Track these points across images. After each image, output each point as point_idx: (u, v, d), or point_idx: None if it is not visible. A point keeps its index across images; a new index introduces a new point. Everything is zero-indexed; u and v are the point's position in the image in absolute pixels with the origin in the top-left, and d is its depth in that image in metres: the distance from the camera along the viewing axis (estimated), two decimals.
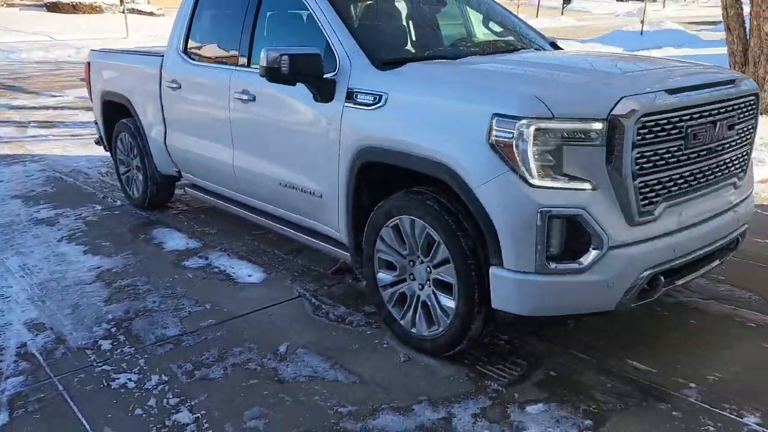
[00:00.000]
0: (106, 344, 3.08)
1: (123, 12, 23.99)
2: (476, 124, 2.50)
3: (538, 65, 3.10)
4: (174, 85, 4.39)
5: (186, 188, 4.83)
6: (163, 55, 4.60)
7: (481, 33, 4.10)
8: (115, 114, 5.33)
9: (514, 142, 2.40)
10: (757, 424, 2.42)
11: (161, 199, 5.25)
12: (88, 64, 5.64)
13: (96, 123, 5.81)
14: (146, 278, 3.87)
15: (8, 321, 3.34)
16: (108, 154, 6.08)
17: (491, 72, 2.99)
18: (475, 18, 4.17)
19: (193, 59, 4.32)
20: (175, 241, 4.52)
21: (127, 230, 4.79)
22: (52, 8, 26.80)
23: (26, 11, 26.71)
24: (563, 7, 40.09)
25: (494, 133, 2.45)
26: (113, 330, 3.22)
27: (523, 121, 2.37)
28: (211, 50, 4.27)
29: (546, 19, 36.59)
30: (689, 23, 30.77)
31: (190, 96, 4.31)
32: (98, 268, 4.05)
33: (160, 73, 4.55)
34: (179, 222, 4.96)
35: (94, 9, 27.27)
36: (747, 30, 8.62)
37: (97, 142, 5.95)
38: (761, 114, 8.07)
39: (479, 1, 4.26)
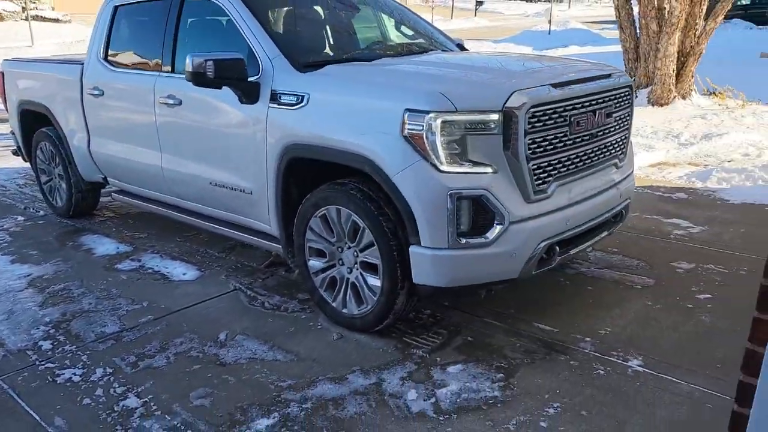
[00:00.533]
0: (46, 344, 3.17)
1: (27, 19, 22.88)
2: (391, 119, 2.80)
3: (444, 65, 3.45)
4: (96, 92, 4.46)
5: (113, 194, 4.88)
6: (82, 63, 4.65)
7: (394, 36, 4.42)
8: (34, 123, 5.30)
9: (424, 133, 2.71)
10: (639, 366, 2.84)
11: (87, 207, 5.26)
12: (2, 74, 5.55)
13: (13, 133, 5.73)
14: (79, 282, 3.94)
15: None
16: (26, 164, 6.00)
17: (403, 72, 3.30)
18: (389, 23, 4.48)
19: (115, 66, 4.40)
20: (104, 246, 4.58)
21: (54, 238, 4.80)
22: None
23: None
24: (476, 9, 41.45)
25: (407, 126, 2.75)
26: (52, 331, 3.30)
27: (431, 115, 2.69)
28: (133, 57, 4.37)
29: (460, 21, 37.73)
30: (592, 23, 32.60)
31: (113, 102, 4.39)
32: (28, 275, 4.07)
33: (81, 81, 4.60)
34: (107, 228, 5.01)
35: None
36: (637, 28, 9.43)
37: (15, 153, 5.85)
38: (650, 104, 8.90)
39: (392, 7, 4.58)
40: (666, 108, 8.94)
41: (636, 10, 9.34)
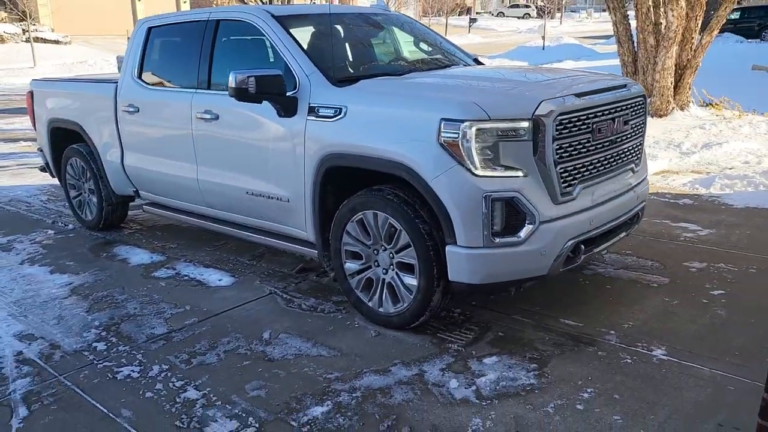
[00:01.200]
0: (100, 346, 3.34)
1: (28, 41, 23.18)
2: (427, 128, 3.02)
3: (470, 78, 3.68)
4: (131, 109, 4.67)
5: (144, 206, 5.08)
6: (116, 82, 4.87)
7: (418, 53, 4.66)
8: (64, 140, 5.50)
9: (459, 140, 2.93)
10: (663, 354, 3.04)
11: (116, 220, 5.45)
12: (31, 93, 5.76)
13: (40, 150, 5.92)
14: (121, 289, 4.12)
15: None
16: (46, 181, 6.18)
17: (434, 84, 3.53)
18: (413, 40, 4.72)
19: (150, 84, 4.62)
20: (138, 256, 4.77)
21: (88, 250, 4.98)
22: None
23: None
24: (470, 26, 42.11)
25: (443, 134, 2.97)
26: (103, 333, 3.48)
27: (466, 123, 2.92)
28: (169, 75, 4.59)
29: (454, 37, 38.23)
30: (584, 38, 33.21)
31: (149, 119, 4.60)
32: (70, 284, 4.25)
33: (115, 99, 4.81)
34: (137, 239, 5.19)
35: None
36: (635, 43, 9.75)
37: (43, 169, 6.05)
38: (650, 115, 9.17)
39: (412, 25, 4.82)
40: (665, 119, 9.23)
41: (633, 24, 9.66)
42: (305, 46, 3.85)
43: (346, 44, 4.26)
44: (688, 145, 7.64)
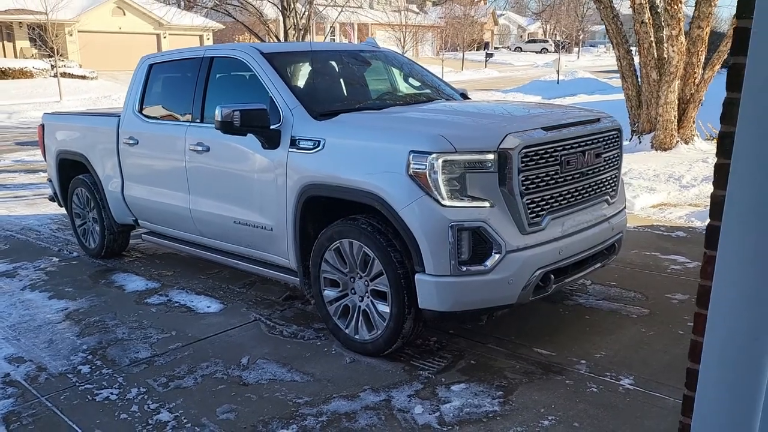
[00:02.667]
0: (85, 368, 3.46)
1: (56, 76, 24.04)
2: (397, 160, 3.14)
3: (445, 112, 3.81)
4: (131, 141, 4.88)
5: (143, 235, 5.24)
6: (118, 115, 5.10)
7: (402, 87, 4.83)
8: (71, 171, 5.73)
9: (427, 172, 3.04)
10: (630, 384, 3.06)
11: (118, 248, 5.62)
12: (42, 126, 6.02)
13: (50, 181, 6.16)
14: (113, 315, 4.25)
15: None
16: (57, 211, 6.40)
17: (407, 118, 3.67)
18: (398, 75, 4.90)
19: (149, 118, 4.84)
20: (134, 283, 4.91)
21: (88, 277, 5.14)
22: None
23: None
24: (486, 60, 42.63)
25: (411, 165, 3.09)
26: (89, 357, 3.60)
27: (433, 155, 3.03)
28: (166, 109, 4.81)
29: (470, 72, 38.80)
30: (600, 72, 33.41)
31: (147, 150, 4.80)
32: (65, 309, 4.40)
33: (117, 131, 5.03)
34: (136, 267, 5.35)
35: (24, 74, 27.21)
36: (639, 77, 9.85)
37: (51, 199, 6.28)
38: (654, 148, 9.22)
39: (401, 61, 5.00)
40: (669, 152, 9.25)
41: (637, 60, 9.77)
42: (291, 82, 4.02)
43: (331, 80, 4.44)
44: (688, 179, 7.65)
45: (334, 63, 4.53)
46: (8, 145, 13.82)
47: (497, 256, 3.08)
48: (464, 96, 4.83)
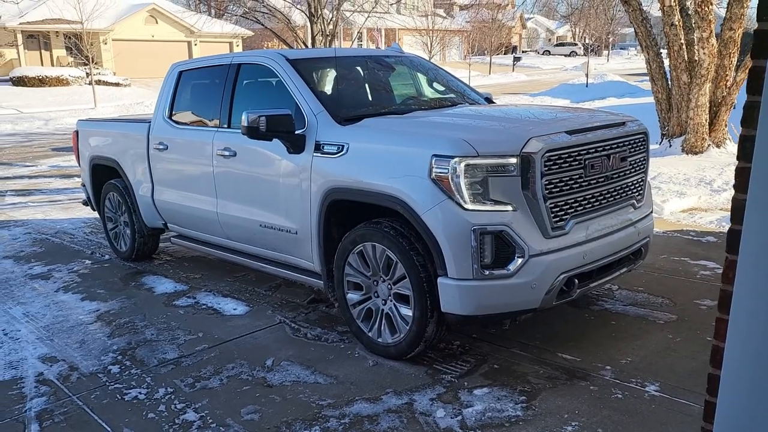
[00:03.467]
0: (114, 369, 3.55)
1: (91, 84, 24.64)
2: (420, 164, 3.15)
3: (469, 116, 3.82)
4: (161, 147, 4.99)
5: (172, 239, 5.35)
6: (149, 121, 5.22)
7: (426, 92, 4.84)
8: (103, 176, 5.88)
9: (449, 176, 3.05)
10: (656, 391, 3.02)
11: (148, 251, 5.75)
12: (76, 132, 6.19)
13: (83, 185, 6.33)
14: (142, 316, 4.35)
15: (23, 356, 3.77)
16: (91, 215, 6.57)
17: (431, 122, 3.68)
18: (422, 80, 4.91)
19: (179, 123, 4.94)
20: (164, 285, 5.01)
21: (119, 279, 5.26)
22: (18, 82, 27.38)
23: None
24: (514, 64, 42.37)
25: (434, 169, 3.10)
26: (119, 357, 3.69)
27: (456, 159, 3.04)
28: (195, 115, 4.90)
29: (498, 76, 38.62)
30: (631, 75, 32.92)
31: (176, 155, 4.90)
32: (97, 311, 4.51)
33: (148, 137, 5.15)
34: (165, 270, 5.46)
35: (60, 82, 27.95)
36: (669, 80, 9.70)
37: (85, 203, 6.45)
38: (685, 152, 9.06)
39: (425, 66, 5.02)
40: (700, 156, 9.08)
41: (667, 62, 9.62)
42: (316, 87, 4.07)
43: (356, 85, 4.48)
44: (719, 183, 7.50)
45: (358, 68, 4.57)
46: (45, 150, 14.21)
47: (520, 260, 3.07)
48: (489, 100, 4.83)
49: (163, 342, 3.89)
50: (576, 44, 59.89)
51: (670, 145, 9.47)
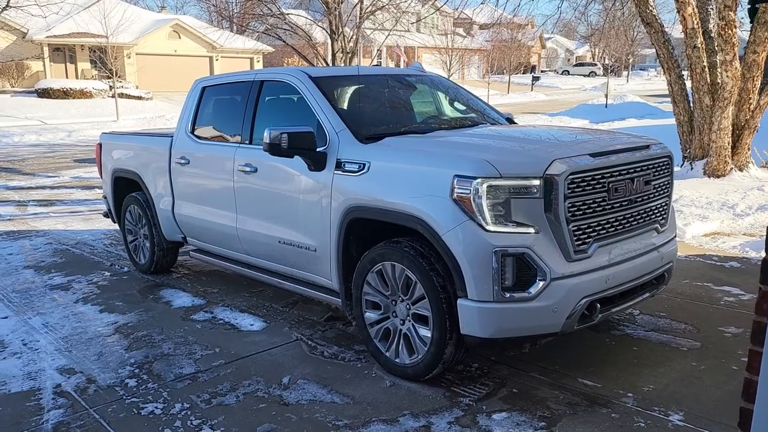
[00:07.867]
0: (132, 382, 3.55)
1: (114, 96, 25.03)
2: (441, 184, 3.14)
3: (491, 137, 3.80)
4: (183, 161, 5.03)
5: (191, 253, 5.37)
6: (171, 136, 5.27)
7: (447, 111, 4.84)
8: (125, 189, 5.94)
9: (471, 196, 3.04)
10: (680, 421, 2.95)
11: (166, 264, 5.77)
12: (100, 145, 6.27)
13: (105, 198, 6.40)
14: (160, 330, 4.35)
15: (41, 368, 3.79)
16: (111, 227, 6.63)
17: (452, 143, 3.67)
18: (444, 99, 4.92)
19: (201, 138, 4.98)
20: (181, 299, 5.03)
21: (137, 292, 5.29)
22: (43, 94, 27.90)
23: (18, 97, 27.74)
24: (533, 84, 42.35)
25: (456, 190, 3.09)
26: (136, 371, 3.69)
27: (478, 180, 3.02)
28: (217, 130, 4.94)
29: (516, 95, 38.62)
30: (650, 96, 32.72)
31: (197, 170, 4.94)
32: (115, 323, 4.53)
33: (170, 151, 5.20)
34: (183, 284, 5.48)
35: (84, 94, 28.43)
36: (691, 103, 9.62)
37: (105, 215, 6.51)
38: (707, 175, 8.95)
39: (446, 86, 5.03)
40: (722, 179, 8.96)
41: (689, 84, 9.55)
42: (338, 105, 4.09)
43: (377, 103, 4.49)
44: (743, 207, 7.39)
45: (380, 87, 4.59)
46: (67, 161, 14.42)
47: (542, 283, 3.03)
48: (510, 120, 4.81)
49: (180, 356, 3.89)
50: (595, 64, 59.79)
51: (692, 168, 9.37)
